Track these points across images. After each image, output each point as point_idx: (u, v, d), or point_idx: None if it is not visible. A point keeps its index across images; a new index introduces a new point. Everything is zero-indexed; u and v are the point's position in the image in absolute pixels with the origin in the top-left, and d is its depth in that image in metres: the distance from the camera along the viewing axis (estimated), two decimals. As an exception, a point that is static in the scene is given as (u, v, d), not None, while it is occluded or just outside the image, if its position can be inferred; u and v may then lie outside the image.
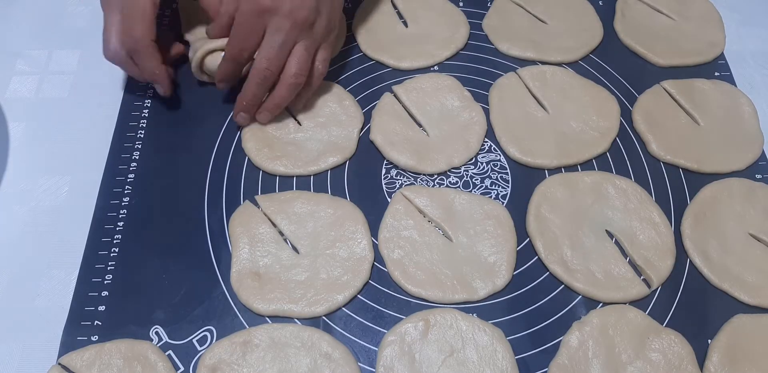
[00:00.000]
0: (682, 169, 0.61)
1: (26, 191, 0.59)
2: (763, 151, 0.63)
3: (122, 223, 0.56)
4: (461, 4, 0.73)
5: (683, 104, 0.65)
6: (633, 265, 0.55)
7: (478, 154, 0.61)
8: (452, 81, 0.65)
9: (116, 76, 0.65)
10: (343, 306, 0.53)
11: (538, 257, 0.55)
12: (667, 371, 0.50)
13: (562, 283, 0.54)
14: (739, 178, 0.60)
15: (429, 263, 0.54)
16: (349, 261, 0.54)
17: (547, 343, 0.52)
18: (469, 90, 0.65)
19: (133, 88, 0.65)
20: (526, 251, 0.56)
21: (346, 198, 0.58)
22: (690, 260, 0.56)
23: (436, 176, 0.60)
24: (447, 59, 0.68)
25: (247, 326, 0.51)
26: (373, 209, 0.57)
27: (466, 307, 0.53)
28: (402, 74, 0.67)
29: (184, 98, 0.64)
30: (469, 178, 0.60)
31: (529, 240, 0.56)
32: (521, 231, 0.57)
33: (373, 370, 0.50)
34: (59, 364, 0.49)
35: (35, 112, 0.63)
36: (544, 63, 0.68)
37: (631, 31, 0.71)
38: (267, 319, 0.52)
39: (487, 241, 0.55)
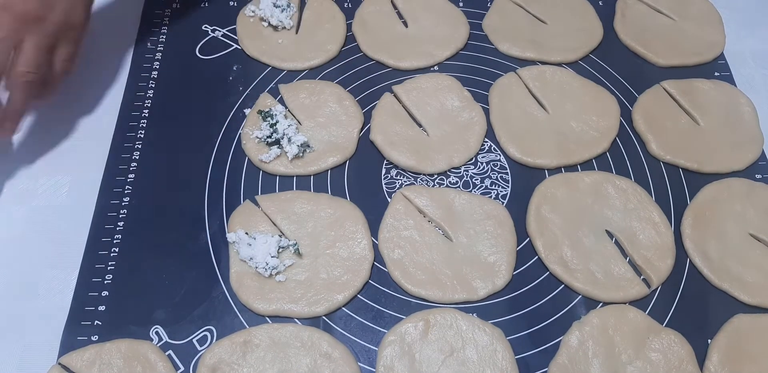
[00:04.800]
0: (682, 169, 0.61)
1: (26, 191, 0.59)
2: (763, 151, 0.62)
3: (122, 223, 0.56)
4: (461, 4, 0.73)
5: (683, 104, 0.65)
6: (633, 265, 0.55)
7: (478, 154, 0.61)
8: (452, 81, 0.65)
9: (117, 75, 0.65)
10: (343, 306, 0.53)
11: (538, 257, 0.55)
12: (666, 371, 0.50)
13: (562, 283, 0.54)
14: (739, 178, 0.60)
15: (429, 263, 0.54)
16: (349, 261, 0.54)
17: (547, 343, 0.52)
18: (469, 90, 0.65)
19: (133, 87, 0.65)
20: (526, 251, 0.56)
21: (346, 198, 0.58)
22: (690, 260, 0.56)
23: (436, 176, 0.60)
24: (447, 59, 0.68)
25: (247, 326, 0.51)
26: (373, 209, 0.57)
27: (466, 307, 0.53)
28: (402, 74, 0.67)
29: (184, 98, 0.64)
30: (469, 178, 0.60)
31: (529, 240, 0.56)
32: (521, 231, 0.57)
33: (373, 370, 0.50)
34: (59, 364, 0.49)
35: (35, 111, 0.63)
36: (544, 63, 0.68)
37: (631, 31, 0.70)
38: (267, 319, 0.52)
39: (487, 241, 0.55)
